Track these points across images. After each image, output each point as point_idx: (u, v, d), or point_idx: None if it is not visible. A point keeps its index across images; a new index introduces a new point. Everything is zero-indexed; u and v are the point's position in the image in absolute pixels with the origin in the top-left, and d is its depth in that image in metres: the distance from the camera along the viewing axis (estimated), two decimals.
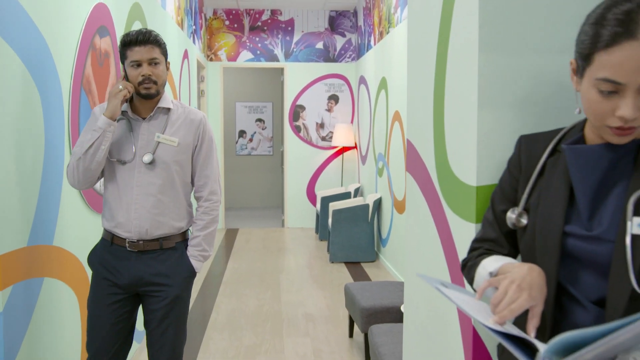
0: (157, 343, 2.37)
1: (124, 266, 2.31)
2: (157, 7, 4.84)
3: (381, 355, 2.93)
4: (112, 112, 2.22)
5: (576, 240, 1.18)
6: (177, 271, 2.36)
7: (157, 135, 2.32)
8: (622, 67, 1.03)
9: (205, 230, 2.41)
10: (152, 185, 2.30)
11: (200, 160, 2.43)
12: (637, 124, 1.08)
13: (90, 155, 2.20)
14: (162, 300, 2.34)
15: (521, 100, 1.41)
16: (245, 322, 4.65)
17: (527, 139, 1.31)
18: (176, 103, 2.45)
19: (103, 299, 2.32)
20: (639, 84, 1.03)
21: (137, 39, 2.25)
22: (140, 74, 2.26)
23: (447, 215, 1.63)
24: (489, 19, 1.40)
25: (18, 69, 2.19)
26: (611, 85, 1.05)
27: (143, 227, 2.30)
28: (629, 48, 1.02)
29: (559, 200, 1.21)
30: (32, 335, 2.29)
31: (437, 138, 1.71)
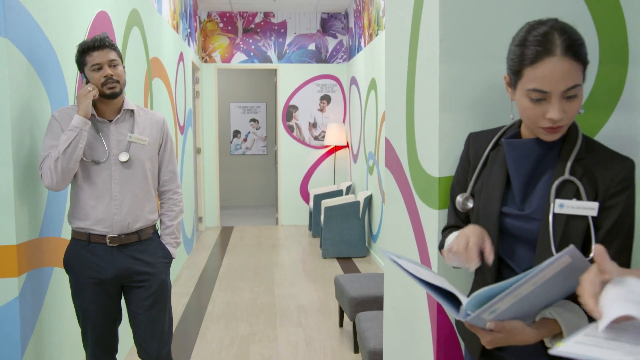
0: (148, 330, 2.55)
1: (106, 262, 2.46)
2: (154, 13, 5.04)
3: (367, 339, 3.15)
4: (85, 111, 2.35)
5: (511, 219, 1.41)
6: (157, 258, 2.56)
7: (130, 135, 2.49)
8: (546, 78, 1.25)
9: (176, 220, 2.66)
10: (129, 181, 2.48)
11: (166, 157, 2.64)
12: (564, 123, 1.31)
13: (69, 155, 2.32)
14: (150, 288, 2.52)
15: (476, 103, 1.63)
16: (240, 313, 4.86)
17: (474, 135, 1.53)
18: (137, 106, 2.62)
19: (91, 298, 2.46)
20: (561, 91, 1.26)
21: (95, 44, 2.41)
22: (103, 75, 2.40)
23: (417, 204, 1.85)
24: (448, 34, 1.62)
25: (29, 73, 2.39)
26: (539, 94, 1.28)
27: (125, 221, 2.47)
28: (549, 63, 1.25)
29: (498, 185, 1.44)
30: (43, 318, 2.50)
31: (409, 136, 1.93)
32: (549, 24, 1.28)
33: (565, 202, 1.34)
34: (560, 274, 1.11)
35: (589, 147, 1.40)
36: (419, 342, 1.87)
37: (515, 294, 1.11)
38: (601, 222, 1.34)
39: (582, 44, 1.28)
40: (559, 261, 1.06)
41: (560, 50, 1.24)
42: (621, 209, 1.34)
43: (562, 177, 1.36)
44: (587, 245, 1.35)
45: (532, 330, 1.26)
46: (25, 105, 2.34)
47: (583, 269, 1.11)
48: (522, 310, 1.21)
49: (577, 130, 1.41)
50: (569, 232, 1.34)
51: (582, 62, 1.27)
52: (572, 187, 1.35)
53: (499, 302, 1.12)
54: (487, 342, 1.27)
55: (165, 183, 2.65)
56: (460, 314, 1.19)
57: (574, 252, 1.06)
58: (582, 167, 1.37)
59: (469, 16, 1.62)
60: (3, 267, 2.20)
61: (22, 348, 2.25)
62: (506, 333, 1.23)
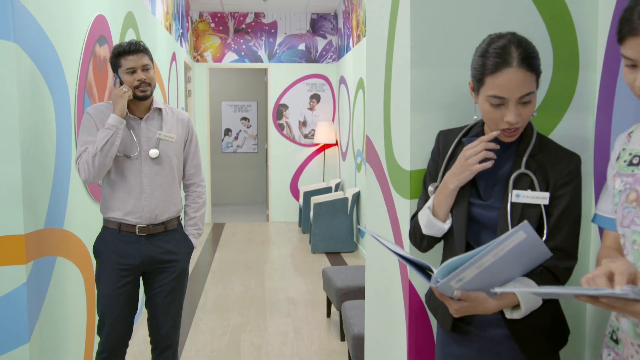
0: (163, 313, 2.76)
1: (135, 249, 2.68)
2: (148, 15, 5.20)
3: (351, 326, 3.34)
4: (121, 110, 2.58)
5: (477, 208, 1.60)
6: (181, 248, 2.78)
7: (159, 132, 2.71)
8: (504, 86, 1.45)
9: (199, 212, 2.86)
10: (158, 175, 2.69)
11: (191, 152, 2.85)
12: (519, 125, 1.51)
13: (106, 151, 2.54)
14: (171, 274, 2.74)
15: (444, 104, 1.82)
16: (232, 305, 5.04)
17: (444, 133, 1.73)
18: (164, 105, 2.83)
19: (115, 282, 2.67)
20: (517, 98, 1.45)
21: (130, 48, 2.62)
22: (136, 79, 2.62)
23: (392, 194, 2.04)
24: (418, 43, 1.81)
25: (34, 75, 2.56)
26: (498, 100, 1.47)
27: (153, 213, 2.68)
28: (507, 73, 1.44)
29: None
30: (48, 303, 2.68)
31: (386, 134, 2.12)
32: (508, 37, 1.48)
33: (521, 192, 1.53)
34: (517, 249, 1.29)
35: (542, 145, 1.59)
36: (394, 321, 2.07)
37: (478, 264, 1.29)
38: (552, 210, 1.54)
39: (535, 56, 1.47)
40: (515, 235, 1.25)
41: (517, 62, 1.43)
42: (568, 198, 1.54)
43: (518, 171, 1.55)
44: (540, 230, 1.54)
45: (494, 301, 1.46)
46: (31, 105, 2.51)
47: (536, 247, 1.31)
48: (485, 283, 1.40)
49: (533, 129, 1.60)
50: (524, 218, 1.53)
51: (535, 72, 1.47)
52: (527, 179, 1.55)
53: (464, 270, 1.31)
54: (454, 310, 1.46)
55: (190, 177, 2.85)
56: (432, 281, 1.38)
57: (527, 227, 1.25)
58: (536, 162, 1.56)
59: (437, 27, 1.81)
60: (12, 254, 2.37)
61: (29, 330, 2.42)
62: (471, 302, 1.42)
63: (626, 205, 1.32)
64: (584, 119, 1.87)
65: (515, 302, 1.48)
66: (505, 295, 1.47)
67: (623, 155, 1.38)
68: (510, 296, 1.48)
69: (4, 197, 2.36)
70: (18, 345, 2.40)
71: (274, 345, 4.12)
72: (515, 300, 1.48)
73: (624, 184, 1.34)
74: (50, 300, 2.70)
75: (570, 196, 1.54)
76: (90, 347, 3.29)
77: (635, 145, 1.36)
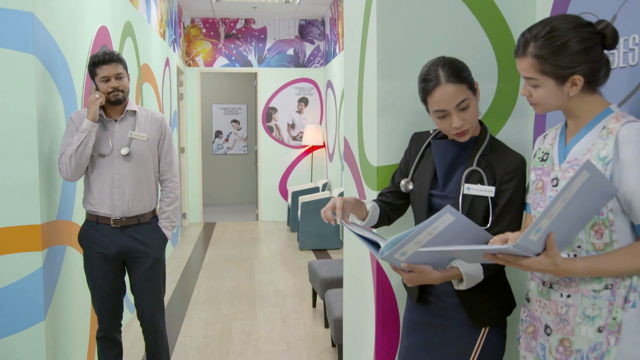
0: (144, 300, 3.04)
1: (111, 240, 2.93)
2: (144, 23, 5.51)
3: (333, 310, 3.67)
4: (93, 115, 2.83)
5: (437, 198, 1.93)
6: (153, 239, 3.02)
7: (130, 132, 2.96)
8: (441, 101, 1.78)
9: (171, 206, 3.11)
10: (129, 172, 2.94)
11: (164, 150, 3.10)
12: (466, 127, 1.82)
13: (80, 152, 2.80)
14: (145, 264, 3.00)
15: (406, 111, 2.15)
16: (223, 297, 5.35)
17: (416, 134, 2.05)
18: (139, 107, 3.10)
19: (98, 267, 2.94)
20: (454, 107, 1.77)
21: (105, 59, 2.88)
22: (110, 86, 2.88)
23: (364, 187, 2.37)
24: (384, 58, 2.14)
25: (48, 82, 2.87)
26: (441, 112, 1.80)
27: (125, 206, 2.93)
28: (440, 90, 1.77)
29: (428, 173, 1.96)
30: (60, 286, 2.98)
31: (359, 135, 2.45)
32: (436, 62, 1.81)
33: (472, 186, 1.86)
34: (449, 230, 1.60)
35: (493, 146, 1.92)
36: (366, 299, 2.39)
37: (415, 240, 1.60)
38: (497, 201, 1.86)
39: (461, 69, 1.79)
40: (443, 217, 1.56)
41: (444, 79, 1.76)
42: (511, 192, 1.85)
43: (470, 168, 1.88)
44: (487, 218, 1.86)
45: (438, 272, 1.78)
46: (45, 109, 2.82)
47: (466, 227, 1.62)
48: (430, 257, 1.72)
49: (487, 133, 1.92)
50: (474, 208, 1.86)
51: (464, 82, 1.78)
52: (477, 175, 1.87)
53: (403, 246, 1.62)
54: (406, 280, 1.78)
55: (163, 172, 3.11)
56: (379, 254, 1.70)
57: (451, 209, 1.55)
58: (486, 160, 1.89)
59: (400, 45, 2.14)
60: (30, 242, 2.68)
61: (45, 309, 2.73)
62: (418, 273, 1.74)
63: (535, 192, 1.66)
64: (524, 124, 2.21)
65: (458, 276, 1.80)
66: (450, 269, 1.80)
67: (538, 154, 1.71)
68: (453, 270, 1.80)
69: (23, 191, 2.67)
70: (35, 323, 2.71)
71: (263, 332, 4.44)
72: (458, 274, 1.80)
73: (536, 176, 1.68)
74: (62, 283, 3.01)
75: (513, 190, 1.84)
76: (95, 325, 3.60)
77: (546, 145, 1.69)
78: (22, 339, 2.69)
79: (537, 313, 1.65)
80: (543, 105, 1.58)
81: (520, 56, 1.56)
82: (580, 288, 1.51)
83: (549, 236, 1.39)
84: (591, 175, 1.33)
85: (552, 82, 1.52)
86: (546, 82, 1.53)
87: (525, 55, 1.54)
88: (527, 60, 1.53)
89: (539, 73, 1.52)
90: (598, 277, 1.48)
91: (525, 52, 1.54)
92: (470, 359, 1.89)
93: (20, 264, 2.69)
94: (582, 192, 1.34)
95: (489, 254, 1.45)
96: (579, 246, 1.53)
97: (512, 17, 2.19)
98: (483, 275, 1.81)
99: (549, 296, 1.59)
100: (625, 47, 1.68)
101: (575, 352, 1.51)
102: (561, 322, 1.55)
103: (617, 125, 1.48)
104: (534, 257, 1.42)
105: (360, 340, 2.54)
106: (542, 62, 1.51)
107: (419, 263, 1.73)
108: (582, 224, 1.46)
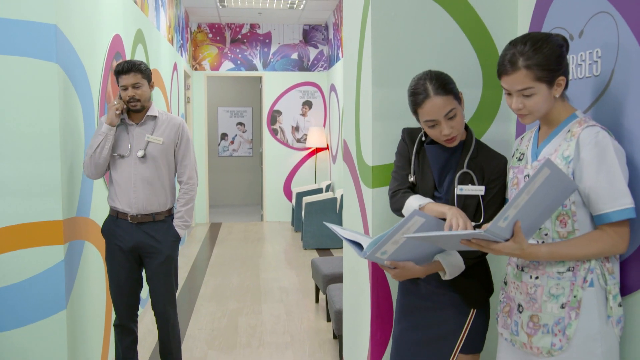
0: (157, 292, 3.27)
1: (127, 234, 3.16)
2: (154, 30, 5.75)
3: (334, 303, 3.88)
4: (110, 120, 3.07)
5: (435, 199, 2.11)
6: (166, 237, 3.23)
7: (147, 136, 3.18)
8: (431, 112, 1.97)
9: (186, 206, 3.29)
10: (144, 173, 3.16)
11: (181, 153, 3.30)
12: (455, 134, 2.01)
13: (98, 154, 3.05)
14: (158, 259, 3.21)
15: (398, 115, 2.36)
16: (230, 293, 5.57)
17: (407, 129, 2.20)
18: (162, 112, 3.31)
19: (116, 259, 3.18)
20: (443, 116, 1.96)
21: (123, 68, 3.10)
22: (127, 95, 3.11)
23: (360, 185, 2.59)
24: (378, 67, 2.36)
25: (69, 88, 3.09)
26: (431, 122, 2.00)
27: (141, 204, 3.15)
28: (429, 102, 1.96)
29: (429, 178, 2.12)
30: (79, 277, 3.20)
31: (357, 138, 2.67)
32: (423, 76, 2.00)
33: (464, 187, 2.05)
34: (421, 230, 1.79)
35: (479, 149, 2.11)
36: (362, 288, 2.60)
37: (392, 240, 1.80)
38: (486, 197, 2.06)
39: (447, 82, 1.99)
40: (414, 218, 1.75)
41: (432, 92, 1.96)
42: (497, 190, 2.06)
43: (461, 170, 2.07)
44: (478, 214, 2.05)
45: (420, 267, 1.99)
46: (66, 113, 3.05)
47: (436, 224, 1.81)
48: (412, 254, 1.92)
49: (472, 138, 2.12)
50: (466, 206, 2.05)
51: (450, 93, 1.97)
52: (468, 176, 2.07)
53: (382, 246, 1.80)
54: (392, 275, 2.00)
55: (180, 175, 3.32)
56: (362, 253, 1.90)
57: (420, 213, 1.75)
58: (475, 163, 2.08)
59: (393, 56, 2.36)
60: (53, 236, 2.90)
61: (66, 298, 2.95)
62: (401, 269, 1.96)
63: (512, 188, 1.87)
64: (506, 127, 2.42)
65: (440, 268, 2.01)
66: (432, 263, 2.01)
67: (515, 154, 1.93)
68: (435, 263, 2.01)
69: (46, 190, 2.89)
70: (57, 311, 2.93)
71: (268, 325, 4.65)
72: (440, 266, 2.01)
73: (513, 173, 1.89)
74: (80, 275, 3.23)
75: (497, 189, 2.05)
76: (109, 315, 3.82)
77: (522, 146, 1.91)
78: (46, 326, 2.91)
79: (512, 294, 1.86)
80: (535, 113, 1.75)
81: (511, 72, 1.71)
82: (546, 270, 1.72)
83: (515, 224, 1.60)
84: (552, 172, 1.53)
85: (544, 87, 1.70)
86: (540, 89, 1.70)
87: (516, 70, 1.70)
88: (521, 72, 1.70)
89: (533, 81, 1.69)
90: (562, 260, 1.69)
91: (516, 67, 1.70)
92: (459, 337, 2.10)
93: (43, 256, 2.91)
94: (545, 186, 1.54)
95: (465, 240, 1.66)
96: (546, 234, 1.74)
97: (496, 31, 2.40)
98: (464, 265, 2.02)
99: (521, 278, 1.80)
100: (591, 59, 1.89)
101: (542, 327, 1.72)
102: (531, 300, 1.76)
103: (579, 129, 1.69)
104: (504, 242, 1.63)
105: (358, 328, 2.75)
106: (535, 70, 1.68)
107: (402, 260, 1.94)
108: (547, 214, 1.67)
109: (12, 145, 2.86)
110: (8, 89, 2.83)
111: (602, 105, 1.85)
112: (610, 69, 1.80)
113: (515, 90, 1.73)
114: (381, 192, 2.39)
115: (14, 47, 2.82)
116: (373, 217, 2.42)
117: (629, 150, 1.72)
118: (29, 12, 2.82)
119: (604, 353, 1.65)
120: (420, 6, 2.37)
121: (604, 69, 1.83)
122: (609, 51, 1.81)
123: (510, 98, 1.77)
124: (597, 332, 1.65)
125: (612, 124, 1.78)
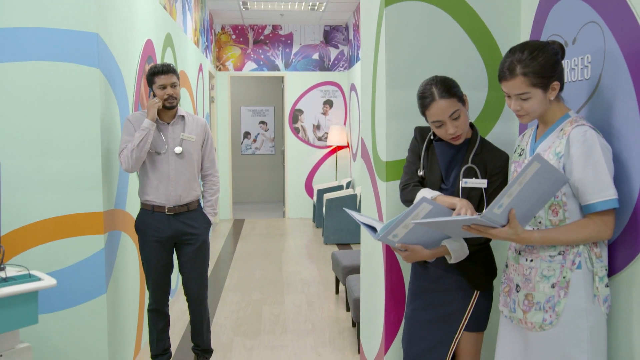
0: (191, 276, 3.53)
1: (165, 225, 3.42)
2: (181, 33, 6.02)
3: (353, 292, 4.11)
4: (152, 116, 3.32)
5: (442, 191, 2.32)
6: (201, 223, 3.52)
7: (182, 134, 3.46)
8: (437, 114, 2.18)
9: (214, 196, 3.64)
10: (181, 167, 3.43)
11: (207, 150, 3.60)
12: (459, 133, 2.22)
13: (141, 147, 3.29)
14: (194, 245, 3.48)
15: (410, 115, 2.57)
16: (254, 285, 5.83)
17: (418, 128, 2.42)
18: (186, 112, 3.57)
19: (152, 251, 3.43)
20: (448, 117, 2.17)
21: (162, 69, 3.37)
22: (166, 93, 3.37)
23: (376, 179, 2.81)
24: (391, 70, 2.58)
25: (108, 91, 3.36)
26: (438, 123, 2.21)
27: (178, 196, 3.42)
28: (435, 105, 2.17)
29: (437, 172, 2.34)
30: (117, 265, 3.48)
31: (372, 136, 2.89)
32: (430, 81, 2.21)
33: (468, 180, 2.26)
34: (429, 216, 2.00)
35: (483, 146, 2.32)
36: (378, 273, 2.83)
37: (402, 224, 2.02)
38: (488, 190, 2.27)
39: (451, 86, 2.19)
40: (422, 205, 1.97)
41: (438, 96, 2.16)
42: (499, 182, 2.27)
43: (466, 165, 2.28)
44: (481, 204, 2.26)
45: (428, 251, 2.21)
46: (106, 114, 3.32)
47: (441, 211, 2.02)
48: (421, 239, 2.13)
49: (477, 135, 2.33)
50: (470, 197, 2.26)
51: (454, 96, 2.18)
52: (472, 171, 2.28)
53: (394, 229, 2.03)
54: (403, 257, 2.22)
55: (207, 169, 3.60)
56: (376, 236, 2.12)
57: (428, 200, 1.97)
58: (478, 158, 2.29)
59: (406, 60, 2.58)
60: (94, 226, 3.18)
61: (106, 283, 3.22)
62: (411, 251, 2.18)
63: None
64: (510, 126, 2.62)
65: (446, 252, 2.22)
66: (438, 247, 2.22)
67: (517, 150, 2.14)
68: (441, 247, 2.22)
69: (88, 184, 3.16)
70: (98, 295, 3.20)
71: (290, 314, 4.89)
72: (445, 250, 2.22)
73: (514, 168, 2.10)
74: (118, 263, 3.50)
75: (500, 180, 2.26)
76: (143, 301, 4.09)
77: (523, 143, 2.11)
78: (88, 309, 3.19)
79: (511, 275, 2.07)
80: (532, 114, 1.95)
81: (509, 79, 1.91)
82: (540, 254, 1.93)
83: (510, 211, 1.81)
84: (542, 166, 1.74)
85: (540, 92, 1.90)
86: (536, 93, 1.90)
87: (515, 77, 1.90)
88: (518, 79, 1.89)
89: (529, 87, 1.89)
90: (553, 245, 1.90)
91: (514, 74, 1.90)
92: (464, 317, 2.31)
93: (85, 245, 3.18)
94: (536, 178, 1.75)
95: (466, 226, 1.87)
96: (539, 222, 1.95)
97: (500, 38, 2.61)
98: (468, 251, 2.23)
99: (518, 261, 2.01)
100: (582, 64, 2.09)
101: (535, 304, 1.93)
102: (526, 281, 1.97)
103: (570, 128, 1.89)
104: (500, 227, 1.84)
105: (374, 312, 2.97)
106: (531, 77, 1.88)
107: (412, 243, 2.16)
108: (540, 204, 1.88)
109: (59, 144, 3.14)
110: (54, 92, 3.11)
111: (593, 106, 2.05)
112: (598, 73, 2.00)
113: (513, 94, 1.94)
114: (394, 185, 2.61)
115: (60, 54, 3.10)
116: (387, 207, 2.64)
117: (617, 146, 1.91)
118: (73, 22, 3.09)
119: (590, 328, 1.86)
120: (431, 14, 2.58)
121: (594, 73, 2.03)
122: (597, 57, 2.00)
123: (510, 100, 1.97)
124: (583, 309, 1.86)
125: (602, 122, 1.98)
